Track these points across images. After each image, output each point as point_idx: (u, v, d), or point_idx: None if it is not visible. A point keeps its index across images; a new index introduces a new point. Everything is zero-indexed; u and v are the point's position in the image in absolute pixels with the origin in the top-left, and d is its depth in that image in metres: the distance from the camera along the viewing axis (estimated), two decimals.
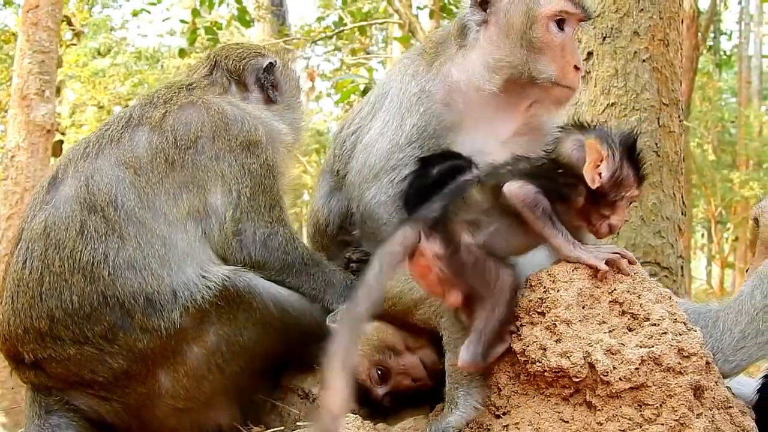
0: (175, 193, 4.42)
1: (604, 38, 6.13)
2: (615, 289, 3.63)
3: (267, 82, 5.00)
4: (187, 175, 4.47)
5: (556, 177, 3.79)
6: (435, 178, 4.20)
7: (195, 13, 18.11)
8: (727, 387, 3.73)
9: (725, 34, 32.98)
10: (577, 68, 4.66)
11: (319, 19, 25.10)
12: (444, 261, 3.64)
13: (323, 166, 5.37)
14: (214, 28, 17.83)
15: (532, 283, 3.71)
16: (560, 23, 4.66)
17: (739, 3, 32.31)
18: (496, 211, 3.73)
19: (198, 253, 4.41)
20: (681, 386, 3.45)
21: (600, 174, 3.74)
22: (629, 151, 3.86)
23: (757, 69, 32.25)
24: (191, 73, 5.05)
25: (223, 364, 4.37)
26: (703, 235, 38.09)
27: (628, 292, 3.62)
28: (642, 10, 6.11)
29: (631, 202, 3.95)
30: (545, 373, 3.54)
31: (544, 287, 3.65)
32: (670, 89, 6.21)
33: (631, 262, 3.75)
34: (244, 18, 18.30)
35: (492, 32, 4.73)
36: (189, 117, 4.59)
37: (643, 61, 6.13)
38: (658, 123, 6.16)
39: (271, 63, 5.01)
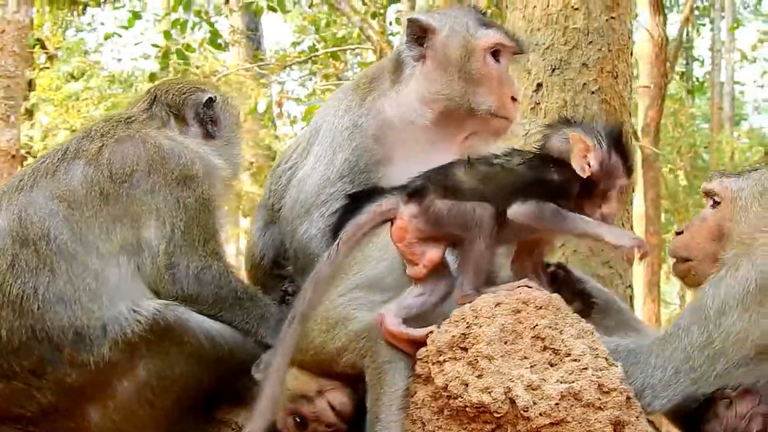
0: (108, 227, 4.40)
1: (554, 70, 6.17)
2: (537, 325, 3.65)
3: (206, 117, 4.99)
4: (122, 209, 4.45)
5: (549, 172, 3.91)
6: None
7: (167, 36, 18.09)
8: (649, 422, 3.75)
9: (698, 60, 33.25)
10: (514, 99, 4.74)
11: (295, 44, 25.09)
12: (421, 218, 3.84)
13: (260, 201, 5.40)
14: (186, 51, 17.80)
15: (455, 319, 3.71)
16: (496, 55, 4.74)
17: (711, 30, 32.56)
18: (476, 195, 3.84)
19: (130, 287, 4.39)
20: (600, 422, 3.47)
21: (589, 163, 3.88)
22: (615, 141, 4.01)
23: (729, 95, 32.46)
24: (131, 107, 5.05)
25: (154, 398, 4.34)
26: None
27: (550, 327, 3.64)
28: (591, 42, 6.15)
29: (622, 192, 4.05)
30: (467, 409, 3.54)
31: (467, 323, 3.66)
32: (618, 121, 6.25)
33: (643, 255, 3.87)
34: (215, 41, 18.31)
35: (429, 66, 4.81)
36: (125, 150, 4.57)
37: (592, 92, 6.18)
38: None
39: (210, 98, 5.01)
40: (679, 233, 4.63)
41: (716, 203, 4.42)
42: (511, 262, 4.10)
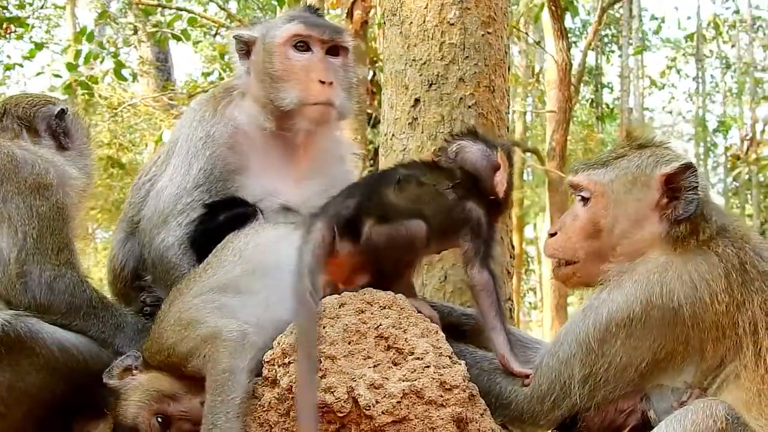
0: None
1: (431, 85, 6.20)
2: (381, 324, 3.68)
3: (59, 128, 4.99)
4: None
5: (474, 196, 4.04)
6: (221, 223, 4.34)
7: (70, 67, 17.86)
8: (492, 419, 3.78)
9: (607, 87, 33.78)
10: (322, 82, 4.79)
11: (205, 75, 25.01)
12: (358, 253, 3.85)
13: (121, 215, 5.40)
14: (89, 82, 17.61)
15: None
16: (301, 47, 4.85)
17: (620, 56, 33.12)
18: (411, 214, 3.87)
19: None
20: (443, 419, 3.51)
21: (500, 182, 4.07)
22: (510, 158, 4.16)
23: (638, 121, 33.02)
24: None
25: (5, 410, 4.28)
26: None
27: (394, 326, 3.67)
28: (467, 57, 6.20)
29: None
30: None
31: None
32: (496, 134, 6.30)
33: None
34: (119, 72, 18.14)
35: (252, 76, 4.94)
36: None
37: (469, 107, 6.21)
38: None
39: (62, 110, 5.01)
40: (552, 234, 4.39)
41: (586, 199, 4.24)
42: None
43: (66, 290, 4.48)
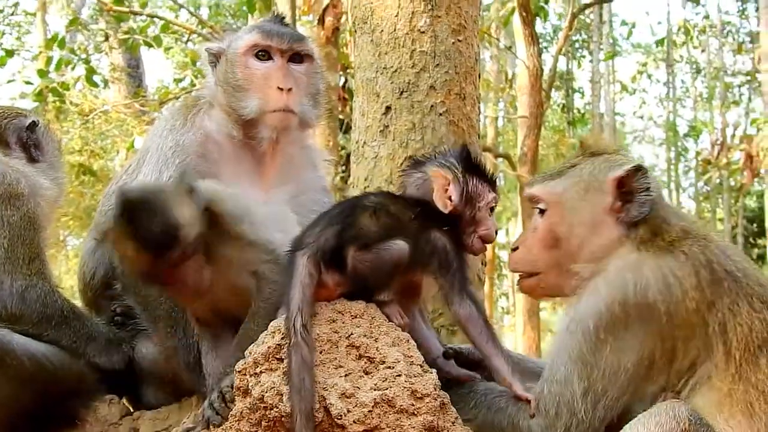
0: None
1: (402, 93, 6.21)
2: (352, 333, 3.68)
3: (29, 141, 5.00)
4: None
5: (436, 219, 3.96)
6: None
7: (41, 74, 17.80)
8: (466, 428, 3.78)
9: (578, 92, 33.99)
10: (280, 89, 4.83)
11: (177, 81, 24.93)
12: (345, 283, 3.80)
13: (92, 225, 5.41)
14: (61, 89, 17.55)
15: (272, 330, 3.74)
16: (262, 56, 4.90)
17: (591, 61, 33.33)
18: (387, 238, 3.83)
19: None
20: (414, 427, 3.51)
21: (450, 197, 3.95)
22: (467, 163, 4.05)
23: (609, 126, 33.27)
24: None
25: None
26: None
27: (366, 336, 3.67)
28: (438, 65, 6.22)
29: (492, 208, 4.11)
30: (283, 419, 3.55)
31: (282, 333, 3.67)
32: (467, 142, 6.32)
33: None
34: (91, 79, 18.08)
35: (219, 86, 5.00)
36: None
37: (440, 114, 6.23)
38: None
39: (33, 122, 5.04)
40: (514, 249, 4.41)
41: (542, 211, 4.27)
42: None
43: (38, 300, 4.50)
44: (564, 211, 4.21)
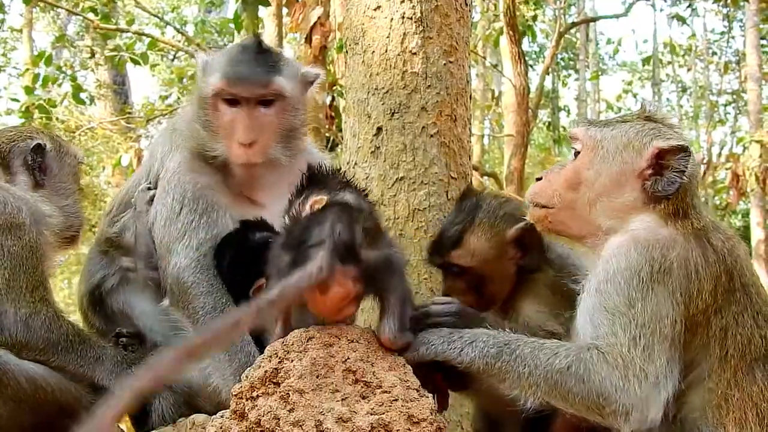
0: None
1: (393, 114, 6.21)
2: (349, 358, 3.68)
3: (35, 164, 4.97)
4: None
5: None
6: (253, 244, 4.59)
7: (27, 90, 17.76)
8: None
9: (564, 110, 34.03)
10: (241, 144, 4.89)
11: (163, 98, 24.93)
12: (360, 279, 3.68)
13: (95, 240, 5.43)
14: (47, 106, 17.50)
15: (268, 354, 3.74)
16: (231, 102, 4.93)
17: (576, 80, 33.45)
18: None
19: None
20: None
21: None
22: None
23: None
24: None
25: None
26: None
27: (362, 360, 3.67)
28: (429, 86, 6.22)
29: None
30: None
31: (279, 357, 3.68)
32: (458, 163, 6.32)
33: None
34: (78, 96, 18.04)
35: (190, 117, 5.13)
36: None
37: (431, 136, 6.23)
38: (447, 196, 6.25)
39: (39, 145, 5.00)
40: (538, 179, 4.40)
41: (577, 152, 4.26)
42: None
43: (42, 326, 4.52)
44: (597, 157, 4.20)
